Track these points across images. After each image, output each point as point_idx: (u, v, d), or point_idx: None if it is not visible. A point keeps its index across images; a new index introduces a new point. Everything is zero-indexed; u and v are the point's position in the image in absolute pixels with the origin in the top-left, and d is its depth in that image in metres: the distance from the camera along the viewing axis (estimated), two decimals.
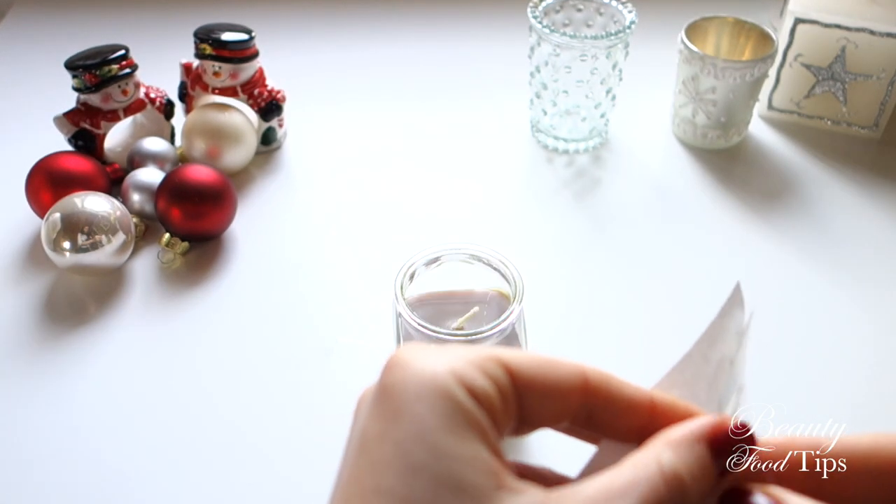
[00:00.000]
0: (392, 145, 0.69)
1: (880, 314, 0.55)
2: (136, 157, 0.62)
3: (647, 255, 0.60)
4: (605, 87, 0.65)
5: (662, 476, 0.22)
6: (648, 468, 0.22)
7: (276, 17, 0.84)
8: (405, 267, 0.44)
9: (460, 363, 0.23)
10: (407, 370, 0.23)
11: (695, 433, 0.23)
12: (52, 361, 0.52)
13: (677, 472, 0.22)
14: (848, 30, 0.65)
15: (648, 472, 0.22)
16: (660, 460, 0.23)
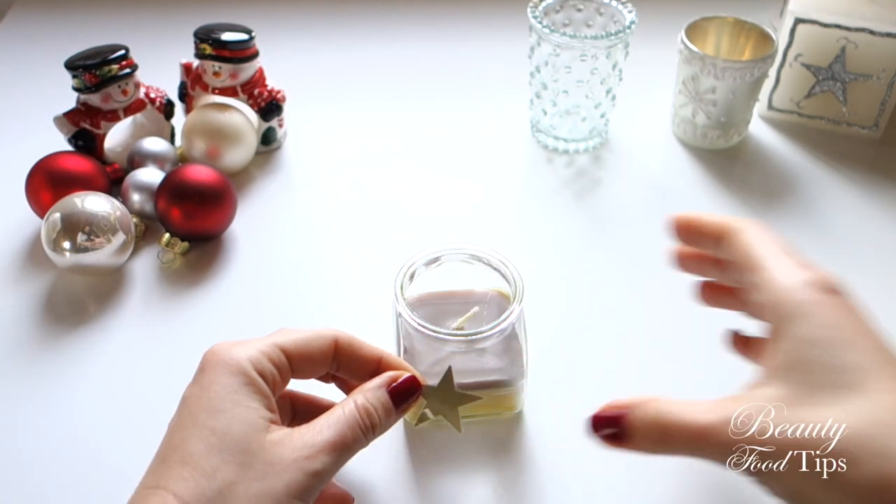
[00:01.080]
0: (392, 145, 0.69)
1: (881, 314, 0.55)
2: (136, 157, 0.62)
3: (647, 255, 0.60)
4: (605, 87, 0.65)
5: (356, 409, 0.37)
6: (348, 405, 0.37)
7: (276, 17, 0.84)
8: (405, 267, 0.44)
9: (254, 352, 0.37)
10: (219, 356, 0.37)
11: (378, 382, 0.39)
12: (52, 361, 0.52)
13: (367, 406, 0.37)
14: (848, 30, 0.65)
15: (348, 408, 0.37)
16: (355, 400, 0.38)
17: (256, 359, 0.37)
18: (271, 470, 0.34)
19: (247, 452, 0.34)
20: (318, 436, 0.36)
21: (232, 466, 0.34)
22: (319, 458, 0.35)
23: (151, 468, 0.35)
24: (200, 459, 0.34)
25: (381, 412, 0.38)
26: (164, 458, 0.35)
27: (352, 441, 0.36)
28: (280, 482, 0.34)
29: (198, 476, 0.33)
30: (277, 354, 0.38)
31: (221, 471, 0.33)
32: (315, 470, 0.35)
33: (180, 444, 0.35)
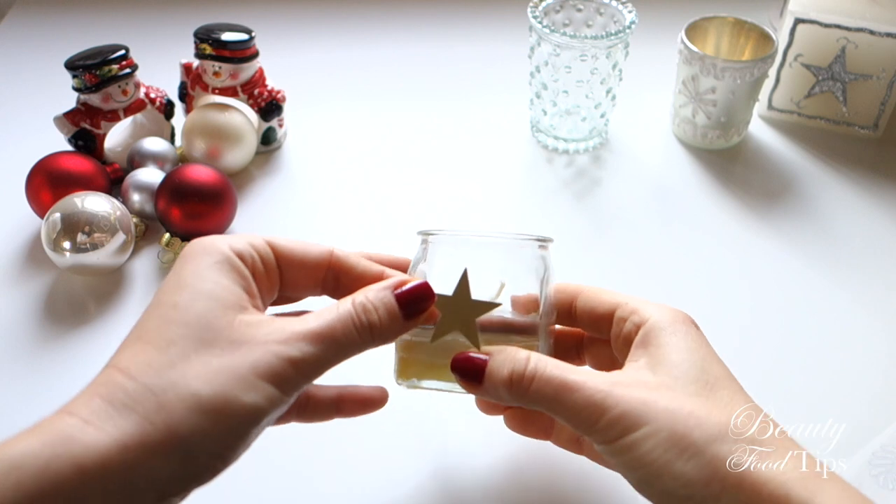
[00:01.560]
0: (392, 145, 0.69)
1: (881, 313, 0.55)
2: (136, 157, 0.62)
3: (647, 254, 0.60)
4: (605, 87, 0.65)
5: (352, 305, 0.33)
6: (344, 301, 0.34)
7: (276, 17, 0.84)
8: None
9: (235, 239, 0.34)
10: (201, 242, 0.34)
11: (384, 284, 0.34)
12: (52, 361, 0.52)
13: (365, 304, 0.33)
14: (848, 30, 0.65)
15: (343, 304, 0.33)
16: (353, 297, 0.34)
17: (237, 243, 0.34)
18: (236, 348, 0.30)
19: (209, 328, 0.31)
20: (301, 324, 0.32)
21: (189, 341, 0.30)
22: (297, 344, 0.31)
23: None
24: (154, 333, 0.31)
25: (383, 313, 0.34)
26: (122, 342, 0.32)
27: (341, 335, 0.32)
28: (244, 359, 0.30)
29: (149, 349, 0.30)
30: (263, 246, 0.35)
31: (177, 344, 0.30)
32: (290, 355, 0.31)
33: (139, 324, 0.32)
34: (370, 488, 0.45)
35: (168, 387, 0.29)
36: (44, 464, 0.27)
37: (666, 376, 0.34)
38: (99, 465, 0.27)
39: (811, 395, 0.50)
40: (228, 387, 0.29)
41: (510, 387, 0.34)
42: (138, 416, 0.28)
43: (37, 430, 0.28)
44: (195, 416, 0.29)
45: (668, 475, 0.31)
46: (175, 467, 0.29)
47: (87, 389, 0.30)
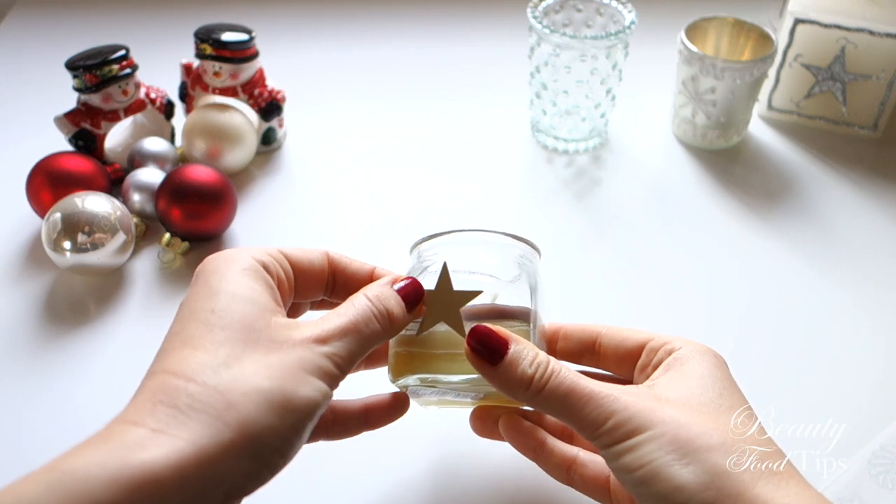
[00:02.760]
0: (392, 145, 0.69)
1: (881, 313, 0.55)
2: (137, 157, 0.62)
3: (646, 254, 0.60)
4: (604, 87, 0.65)
5: (367, 298, 0.35)
6: (357, 297, 0.35)
7: (276, 17, 0.84)
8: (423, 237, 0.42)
9: (255, 250, 0.35)
10: (216, 257, 0.35)
11: (382, 281, 0.37)
12: (52, 361, 0.52)
13: (378, 296, 0.35)
14: (848, 30, 0.65)
15: (358, 299, 0.35)
16: (364, 293, 0.35)
17: (258, 254, 0.35)
18: (279, 347, 0.31)
19: (252, 330, 0.31)
20: (329, 322, 0.33)
21: (236, 343, 0.31)
22: (332, 341, 0.32)
23: (153, 361, 0.32)
24: (199, 338, 0.31)
25: (395, 304, 0.35)
26: (160, 352, 0.32)
27: (364, 327, 0.34)
28: (290, 357, 0.31)
29: (198, 353, 0.30)
30: (280, 258, 0.36)
31: (225, 346, 0.30)
32: (328, 352, 0.32)
33: (178, 331, 0.32)
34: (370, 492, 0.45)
35: (231, 384, 0.29)
36: (113, 475, 0.26)
37: (679, 394, 0.34)
38: (176, 472, 0.26)
39: (811, 395, 0.50)
40: (285, 381, 0.30)
41: (530, 383, 0.34)
42: (209, 417, 0.28)
43: (101, 441, 0.27)
44: (262, 411, 0.29)
45: (664, 477, 0.31)
46: (246, 466, 0.28)
47: (142, 398, 0.29)
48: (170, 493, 0.26)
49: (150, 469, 0.26)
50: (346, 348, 0.33)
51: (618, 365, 0.40)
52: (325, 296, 0.39)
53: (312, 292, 0.38)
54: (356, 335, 0.33)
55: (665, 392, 0.35)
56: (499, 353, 0.35)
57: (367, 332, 0.34)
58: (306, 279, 0.37)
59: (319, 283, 0.38)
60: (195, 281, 0.34)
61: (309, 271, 0.37)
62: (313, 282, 0.38)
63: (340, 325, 0.33)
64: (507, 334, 0.35)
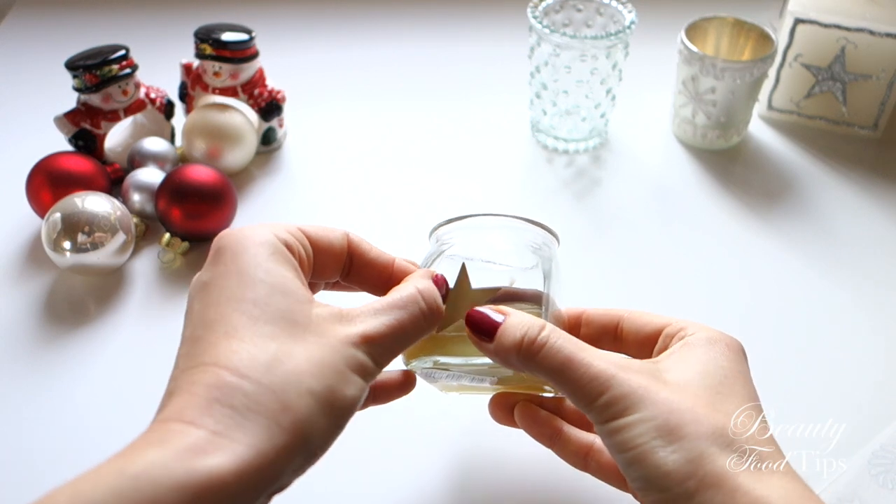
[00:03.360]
0: (392, 145, 0.69)
1: (881, 313, 0.55)
2: (137, 157, 0.62)
3: (646, 255, 0.60)
4: (605, 87, 0.65)
5: (417, 292, 0.35)
6: (407, 289, 0.35)
7: (276, 17, 0.84)
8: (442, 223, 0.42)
9: (275, 227, 0.33)
10: (236, 234, 0.33)
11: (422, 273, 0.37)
12: (52, 361, 0.52)
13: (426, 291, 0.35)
14: (848, 30, 0.65)
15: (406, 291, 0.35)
16: (415, 284, 0.35)
17: (280, 232, 0.34)
18: (324, 343, 0.31)
19: (295, 324, 0.31)
20: (375, 320, 0.33)
21: (284, 337, 0.30)
22: (377, 341, 0.32)
23: (183, 354, 0.30)
24: (247, 330, 0.30)
25: (435, 300, 0.35)
26: (198, 339, 0.30)
27: (411, 326, 0.34)
28: (336, 354, 0.30)
29: (247, 346, 0.29)
30: (301, 236, 0.35)
31: (273, 340, 0.30)
32: (372, 351, 0.32)
33: (218, 320, 0.30)
34: (379, 488, 0.45)
35: (285, 385, 0.29)
36: (180, 481, 0.25)
37: (678, 377, 0.34)
38: (238, 477, 0.26)
39: (811, 395, 0.50)
40: (333, 380, 0.30)
41: (519, 349, 0.34)
42: (266, 420, 0.28)
43: (160, 443, 0.26)
44: (315, 413, 0.29)
45: (650, 462, 0.31)
46: (298, 465, 0.29)
47: (195, 392, 0.28)
48: (232, 498, 0.26)
49: (216, 475, 0.26)
50: (391, 348, 0.33)
51: (637, 349, 0.40)
52: (340, 278, 0.38)
53: (329, 273, 0.37)
54: (402, 335, 0.33)
55: (665, 373, 0.34)
56: (491, 330, 0.35)
57: (411, 332, 0.34)
58: (325, 259, 0.36)
59: (337, 265, 0.37)
60: (218, 258, 0.32)
61: (328, 251, 0.36)
62: (331, 263, 0.37)
63: (388, 324, 0.33)
64: (506, 310, 0.36)
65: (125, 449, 0.27)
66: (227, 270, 0.32)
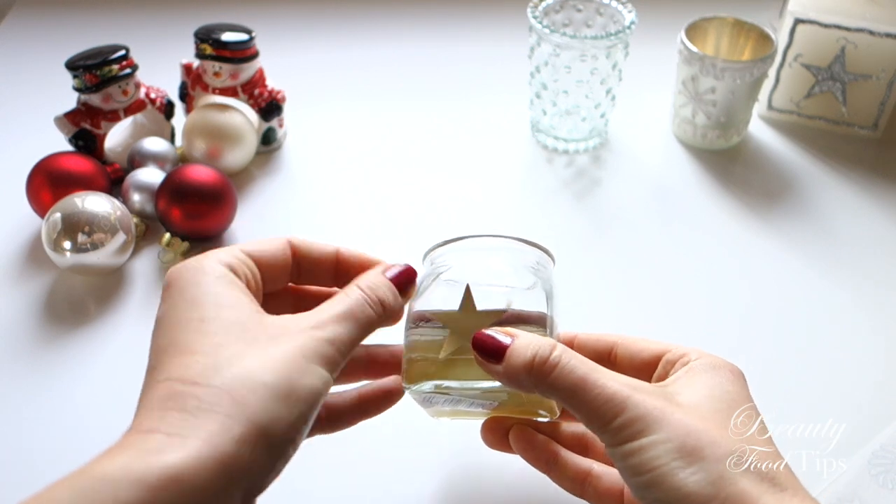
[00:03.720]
0: (392, 145, 0.69)
1: (881, 313, 0.56)
2: (137, 157, 0.62)
3: (646, 255, 0.60)
4: (605, 87, 0.65)
5: (359, 288, 0.36)
6: (349, 288, 0.36)
7: (276, 17, 0.84)
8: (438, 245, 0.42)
9: (218, 254, 0.34)
10: (182, 267, 0.34)
11: (374, 271, 0.37)
12: (52, 361, 0.52)
13: (369, 284, 0.36)
14: (848, 30, 0.65)
15: (350, 289, 0.36)
16: (356, 283, 0.36)
17: (225, 257, 0.35)
18: (278, 340, 0.32)
19: (247, 330, 0.32)
20: (324, 311, 0.34)
21: (235, 343, 0.31)
22: (329, 327, 0.33)
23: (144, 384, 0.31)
24: (196, 345, 0.31)
25: (387, 291, 0.36)
26: (154, 366, 0.31)
27: (360, 314, 0.34)
28: (291, 347, 0.31)
29: (198, 358, 0.30)
30: (243, 258, 0.36)
31: (225, 348, 0.31)
32: (327, 337, 0.33)
33: (171, 343, 0.31)
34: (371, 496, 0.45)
35: (235, 383, 0.29)
36: (138, 477, 0.26)
37: (690, 399, 0.34)
38: (196, 471, 0.27)
39: (811, 395, 0.50)
40: (289, 371, 0.30)
41: (531, 369, 0.34)
42: (219, 415, 0.28)
43: (122, 449, 0.28)
44: (270, 404, 0.29)
45: (670, 484, 0.31)
46: (261, 459, 0.29)
47: (151, 406, 0.29)
48: (192, 492, 0.27)
49: (172, 470, 0.27)
50: (344, 332, 0.33)
51: (634, 376, 0.39)
52: (291, 282, 0.39)
53: (278, 283, 0.38)
54: (352, 320, 0.34)
55: (676, 396, 0.34)
56: (500, 352, 0.35)
57: (362, 318, 0.35)
58: (271, 272, 0.37)
59: (284, 273, 0.38)
60: (168, 293, 0.33)
61: (272, 265, 0.37)
62: (278, 273, 0.37)
63: (336, 311, 0.34)
64: (513, 332, 0.35)
65: (94, 458, 0.28)
66: (175, 302, 0.33)
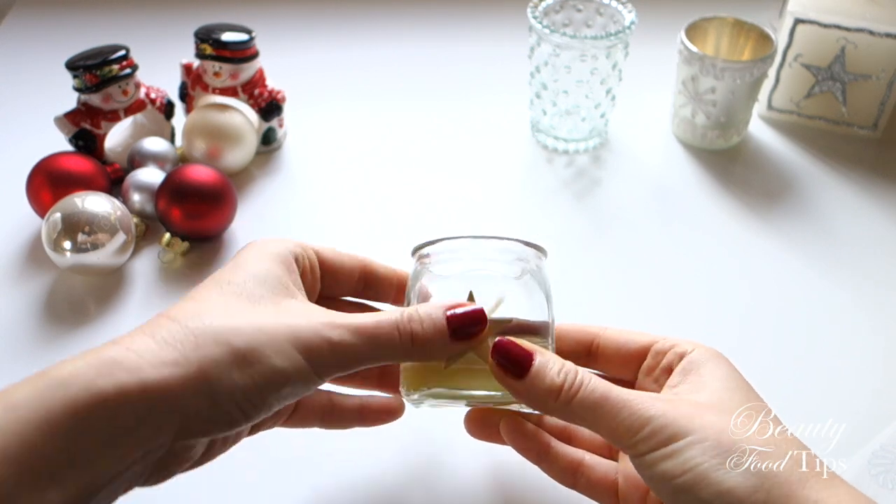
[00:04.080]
0: (392, 145, 0.69)
1: (881, 313, 0.56)
2: (137, 157, 0.62)
3: (646, 255, 0.60)
4: (604, 87, 0.65)
5: (401, 313, 0.34)
6: (396, 310, 0.35)
7: (276, 17, 0.84)
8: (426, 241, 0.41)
9: (292, 243, 0.38)
10: (259, 241, 0.37)
11: (440, 303, 0.35)
12: (52, 361, 0.51)
13: (412, 315, 0.34)
14: (847, 30, 0.65)
15: (394, 311, 0.35)
16: (402, 310, 0.35)
17: (294, 246, 0.38)
18: (279, 314, 0.33)
19: (257, 301, 0.33)
20: (348, 317, 0.34)
21: (237, 305, 0.33)
22: (338, 330, 0.33)
23: None
24: (205, 295, 0.33)
25: (429, 326, 0.34)
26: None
27: (382, 334, 0.34)
28: (284, 325, 0.32)
29: (197, 304, 0.33)
30: (310, 252, 0.39)
31: (226, 305, 0.33)
32: (328, 336, 0.32)
33: (195, 291, 0.34)
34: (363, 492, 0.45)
35: (207, 332, 0.31)
36: (89, 382, 0.29)
37: (711, 398, 0.34)
38: (139, 389, 0.29)
39: (811, 395, 0.50)
40: (261, 344, 0.31)
41: (559, 395, 0.34)
42: (177, 353, 0.30)
43: (84, 355, 0.31)
44: (226, 362, 0.31)
45: (711, 481, 0.31)
46: (200, 405, 0.30)
47: (136, 330, 0.32)
48: (130, 405, 0.29)
49: (118, 381, 0.29)
50: (352, 343, 0.33)
51: (620, 367, 0.40)
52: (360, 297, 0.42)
53: (342, 291, 0.41)
54: (369, 338, 0.33)
55: (696, 398, 0.34)
56: (524, 365, 0.34)
57: (382, 341, 0.34)
58: (335, 279, 0.40)
59: (350, 284, 0.41)
60: (236, 255, 0.37)
61: (339, 270, 0.40)
62: (344, 282, 0.40)
63: (359, 322, 0.33)
64: (531, 346, 0.35)
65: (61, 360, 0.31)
66: (228, 264, 0.36)
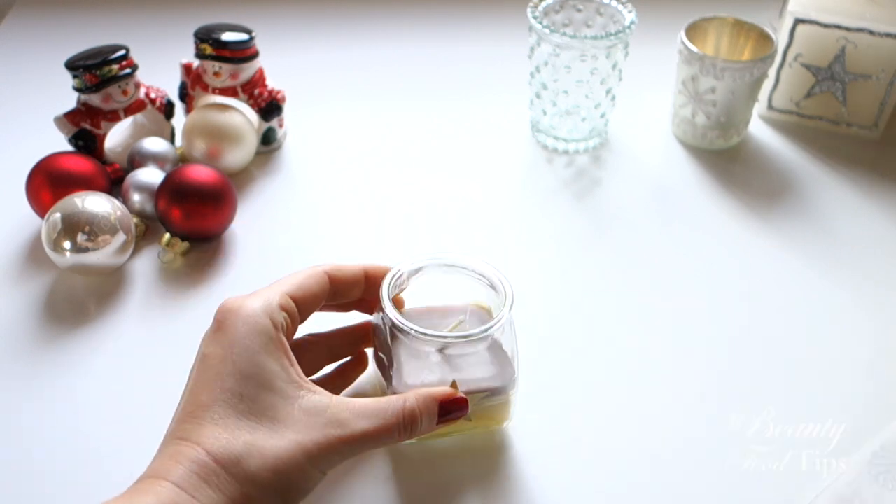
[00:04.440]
0: (392, 145, 0.69)
1: (880, 314, 0.56)
2: (137, 157, 0.62)
3: (646, 255, 0.60)
4: (604, 87, 0.65)
5: (404, 406, 0.39)
6: (398, 400, 0.40)
7: (276, 17, 0.84)
8: (389, 277, 0.44)
9: (269, 305, 0.40)
10: (235, 313, 0.39)
11: (434, 394, 0.41)
12: (52, 361, 0.52)
13: (414, 408, 0.40)
14: (848, 30, 0.65)
15: (397, 403, 0.40)
16: (406, 398, 0.40)
17: (272, 312, 0.40)
18: (296, 435, 0.37)
19: (275, 421, 0.37)
20: (355, 422, 0.38)
21: (261, 431, 0.36)
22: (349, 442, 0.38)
23: (180, 419, 0.37)
24: (230, 422, 0.36)
25: (425, 419, 0.40)
26: (192, 415, 0.37)
27: (385, 438, 0.39)
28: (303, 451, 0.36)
29: (220, 432, 0.36)
30: (288, 302, 0.41)
31: (252, 433, 0.36)
32: (340, 451, 0.38)
33: (210, 405, 0.37)
34: None
35: (248, 480, 0.35)
36: None
37: None
38: None
39: (811, 395, 0.50)
40: (292, 475, 0.36)
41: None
42: (223, 496, 0.35)
43: (143, 491, 0.34)
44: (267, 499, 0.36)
45: None
46: None
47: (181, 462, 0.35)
48: None
49: None
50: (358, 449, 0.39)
51: None
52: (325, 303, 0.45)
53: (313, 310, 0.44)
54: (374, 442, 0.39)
55: None
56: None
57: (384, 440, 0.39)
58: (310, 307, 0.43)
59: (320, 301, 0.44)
60: (219, 336, 0.39)
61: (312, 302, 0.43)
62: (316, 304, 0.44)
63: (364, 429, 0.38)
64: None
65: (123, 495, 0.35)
66: (224, 355, 0.38)
